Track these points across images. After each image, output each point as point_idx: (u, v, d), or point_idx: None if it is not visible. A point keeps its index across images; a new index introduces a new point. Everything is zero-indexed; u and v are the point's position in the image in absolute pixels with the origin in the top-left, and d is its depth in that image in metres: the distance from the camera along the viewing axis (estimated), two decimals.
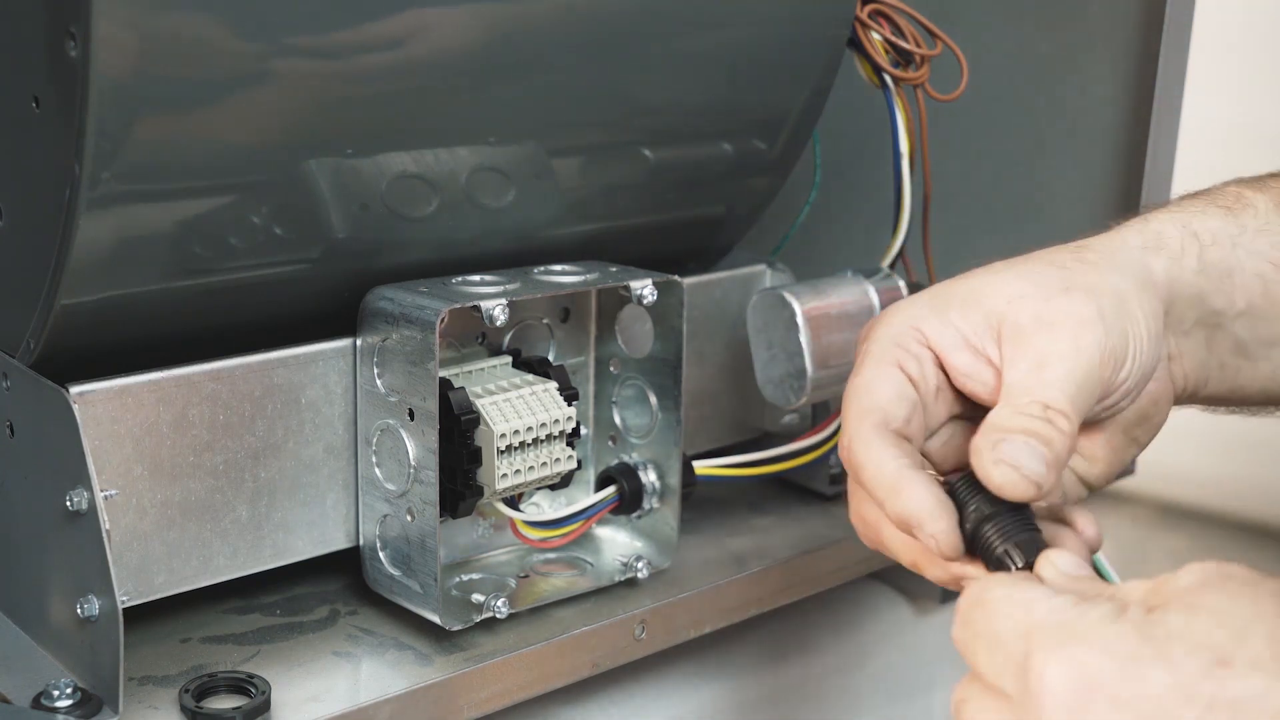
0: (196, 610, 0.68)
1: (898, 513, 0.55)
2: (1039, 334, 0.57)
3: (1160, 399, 0.62)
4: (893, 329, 0.59)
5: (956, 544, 0.54)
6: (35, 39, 0.56)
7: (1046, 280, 0.58)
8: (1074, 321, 0.57)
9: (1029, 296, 0.58)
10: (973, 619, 0.48)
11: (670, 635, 0.73)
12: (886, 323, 0.60)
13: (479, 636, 0.67)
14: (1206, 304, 0.62)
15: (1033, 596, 0.47)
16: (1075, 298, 0.57)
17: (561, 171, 0.73)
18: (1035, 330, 0.57)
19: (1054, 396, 0.55)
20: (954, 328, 0.58)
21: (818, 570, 0.80)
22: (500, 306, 0.65)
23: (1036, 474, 0.53)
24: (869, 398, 0.58)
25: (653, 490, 0.73)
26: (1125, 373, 0.58)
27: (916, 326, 0.59)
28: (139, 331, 0.64)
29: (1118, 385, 0.58)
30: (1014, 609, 0.47)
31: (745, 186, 0.83)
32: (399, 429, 0.65)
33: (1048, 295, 0.58)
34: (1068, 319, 0.57)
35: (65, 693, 0.59)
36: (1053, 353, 0.56)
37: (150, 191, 0.59)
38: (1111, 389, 0.58)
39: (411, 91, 0.64)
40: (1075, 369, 0.56)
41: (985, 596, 0.48)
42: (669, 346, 0.72)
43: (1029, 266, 0.60)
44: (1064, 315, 0.57)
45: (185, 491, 0.64)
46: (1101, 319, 0.57)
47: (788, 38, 0.77)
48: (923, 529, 0.54)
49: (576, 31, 0.68)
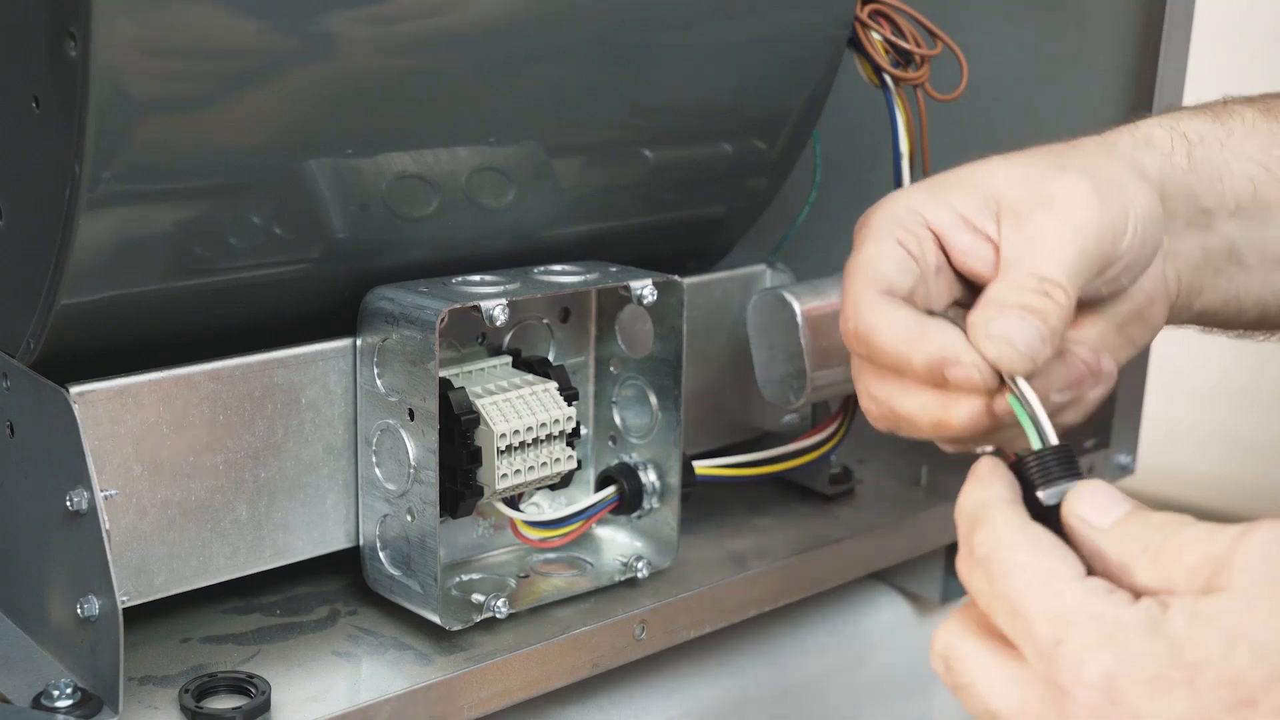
0: (196, 610, 0.68)
1: (926, 356, 0.55)
2: (1036, 210, 0.57)
3: (1156, 298, 0.62)
4: (892, 211, 0.59)
5: (994, 373, 0.54)
6: (35, 39, 0.56)
7: (1043, 163, 0.59)
8: (1070, 195, 0.57)
9: (1027, 177, 0.58)
10: (992, 577, 0.47)
11: (670, 635, 0.73)
12: (885, 207, 0.60)
13: (479, 636, 0.67)
14: (1197, 202, 0.62)
15: (1061, 573, 0.46)
16: (1071, 175, 0.58)
17: (561, 171, 0.73)
18: (1032, 207, 0.57)
19: (1050, 269, 0.55)
20: (953, 209, 0.59)
21: (818, 570, 0.80)
22: (500, 306, 0.65)
23: (1031, 348, 0.53)
24: (872, 269, 0.58)
25: (653, 490, 0.73)
26: (1125, 245, 0.58)
27: (916, 210, 0.59)
28: (139, 331, 0.64)
29: (1117, 258, 0.58)
30: (1042, 587, 0.46)
31: (745, 186, 0.83)
32: (399, 429, 0.65)
33: (1044, 175, 0.58)
34: (1064, 194, 0.57)
35: (65, 693, 0.59)
36: (1049, 227, 0.57)
37: (150, 191, 0.59)
38: (1111, 261, 0.58)
39: (411, 91, 0.64)
40: (1072, 241, 0.56)
41: (1007, 557, 0.47)
42: (669, 346, 0.72)
43: (1025, 155, 0.61)
44: (1060, 191, 0.57)
45: (185, 491, 0.64)
46: (1097, 193, 0.57)
47: (788, 38, 0.77)
48: (959, 363, 0.54)
49: (576, 31, 0.68)
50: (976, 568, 0.48)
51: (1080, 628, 0.44)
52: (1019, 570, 0.47)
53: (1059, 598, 0.45)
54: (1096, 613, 0.45)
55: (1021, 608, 0.46)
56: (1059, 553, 0.47)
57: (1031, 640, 0.45)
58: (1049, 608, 0.45)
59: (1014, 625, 0.46)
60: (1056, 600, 0.45)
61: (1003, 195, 0.58)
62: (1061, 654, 0.44)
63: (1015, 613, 0.46)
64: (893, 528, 0.84)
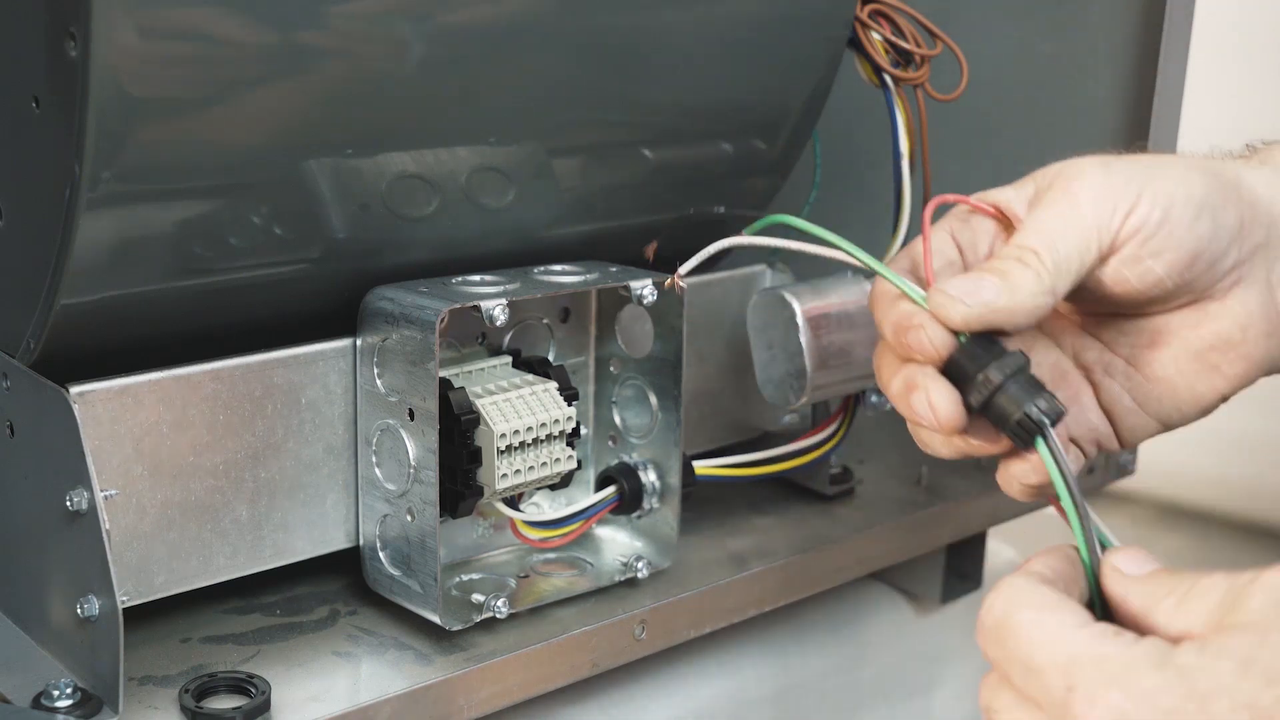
0: (196, 610, 0.68)
1: (893, 323, 0.55)
2: (1049, 191, 0.57)
3: (1250, 326, 0.58)
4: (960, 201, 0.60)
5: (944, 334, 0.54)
6: (35, 39, 0.56)
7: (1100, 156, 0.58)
8: (1075, 173, 0.57)
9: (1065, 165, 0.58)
10: (1003, 641, 0.47)
11: (670, 635, 0.73)
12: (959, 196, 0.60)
13: (479, 636, 0.67)
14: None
15: (1066, 622, 0.46)
16: (1089, 159, 0.57)
17: (561, 171, 0.73)
18: (1050, 188, 0.57)
19: (1030, 237, 0.55)
20: (1007, 199, 0.59)
21: (818, 570, 0.80)
22: (500, 306, 0.65)
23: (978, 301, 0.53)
24: (909, 251, 0.59)
25: (653, 490, 0.73)
26: (1136, 221, 0.56)
27: (988, 196, 0.59)
28: (139, 331, 0.64)
29: (1127, 234, 0.56)
30: (1048, 639, 0.46)
31: (745, 186, 0.83)
32: (399, 429, 0.65)
33: (1077, 161, 0.58)
34: (1070, 172, 0.57)
35: (65, 693, 0.59)
36: (1048, 201, 0.56)
37: (150, 191, 0.59)
38: (1114, 235, 0.56)
39: (412, 91, 0.64)
40: (1060, 211, 0.56)
41: (1013, 617, 0.47)
42: (669, 346, 0.72)
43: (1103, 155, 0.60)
44: (1070, 170, 0.57)
45: (185, 491, 0.64)
46: (1103, 168, 0.56)
47: (788, 38, 0.77)
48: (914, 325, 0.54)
49: (576, 31, 0.68)
50: (989, 634, 0.48)
51: (1089, 670, 0.44)
52: (1025, 628, 0.47)
53: (1066, 646, 0.46)
54: (1103, 655, 0.45)
55: (1033, 664, 0.46)
56: (1063, 605, 0.47)
57: (1047, 693, 0.45)
58: (1057, 657, 0.45)
59: (1030, 683, 0.46)
60: (1064, 648, 0.45)
61: (1043, 179, 0.58)
62: (1074, 700, 0.44)
63: (1029, 670, 0.46)
64: (893, 528, 0.84)
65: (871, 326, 0.78)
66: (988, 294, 0.54)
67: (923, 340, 0.54)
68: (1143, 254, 0.56)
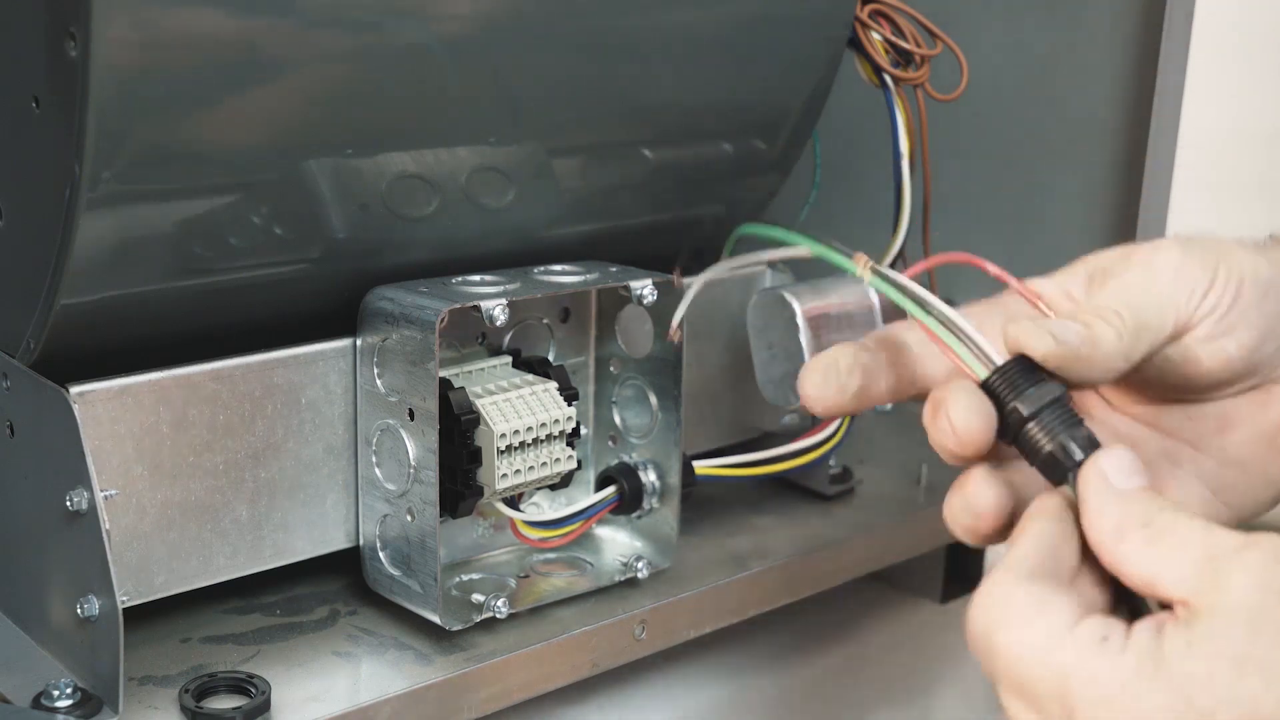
0: (196, 610, 0.68)
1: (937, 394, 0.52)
2: (1117, 265, 0.55)
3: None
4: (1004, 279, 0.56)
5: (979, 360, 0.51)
6: (35, 39, 0.56)
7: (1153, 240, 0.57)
8: (1151, 249, 0.55)
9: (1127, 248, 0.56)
10: (992, 661, 0.47)
11: (670, 635, 0.73)
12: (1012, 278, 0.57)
13: (479, 636, 0.67)
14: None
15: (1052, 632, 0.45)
16: (1164, 240, 0.55)
17: (561, 171, 0.73)
18: (1117, 265, 0.55)
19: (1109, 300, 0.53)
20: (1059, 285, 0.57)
21: (818, 570, 0.80)
22: (500, 306, 0.65)
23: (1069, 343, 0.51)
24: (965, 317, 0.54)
25: (653, 490, 0.73)
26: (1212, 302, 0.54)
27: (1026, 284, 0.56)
28: (139, 331, 0.64)
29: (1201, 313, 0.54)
30: (1036, 660, 0.45)
31: (745, 186, 0.83)
32: (399, 429, 0.65)
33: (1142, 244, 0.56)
34: (1146, 249, 0.55)
35: (65, 693, 0.59)
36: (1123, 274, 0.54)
37: (150, 191, 0.59)
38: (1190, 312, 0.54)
39: (411, 91, 0.64)
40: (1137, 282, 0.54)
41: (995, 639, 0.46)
42: (669, 346, 0.72)
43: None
44: (1145, 247, 0.55)
45: (185, 491, 0.64)
46: (1181, 247, 0.55)
47: (788, 38, 0.77)
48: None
49: (576, 31, 0.68)
50: (978, 650, 0.47)
51: (1085, 691, 0.44)
52: (1010, 649, 0.46)
53: (1055, 667, 0.45)
54: (1095, 677, 0.44)
55: (1027, 689, 0.46)
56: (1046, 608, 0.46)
57: (1047, 715, 0.45)
58: (1049, 681, 0.45)
59: (1027, 700, 0.46)
60: (1053, 670, 0.45)
61: (1099, 263, 0.56)
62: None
63: (1023, 692, 0.46)
64: (893, 528, 0.84)
65: (871, 326, 0.79)
66: (1073, 337, 0.51)
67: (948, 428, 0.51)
68: (1216, 333, 0.55)
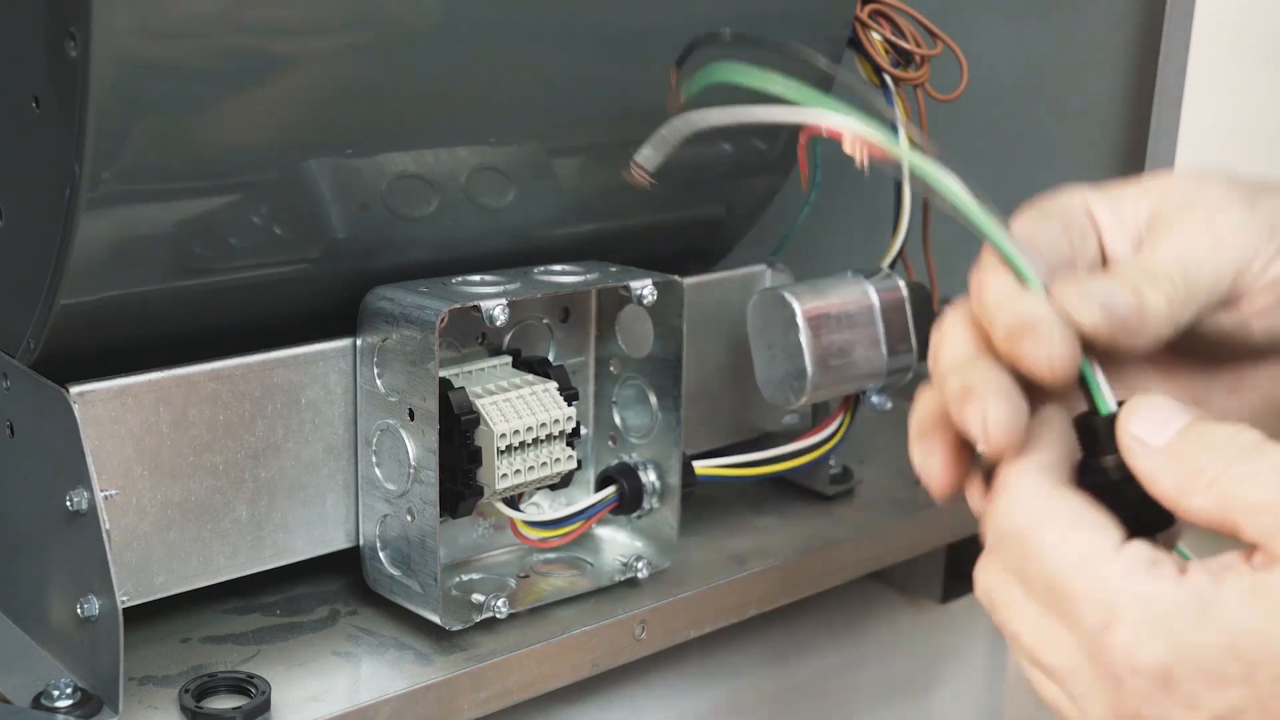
0: (196, 610, 0.68)
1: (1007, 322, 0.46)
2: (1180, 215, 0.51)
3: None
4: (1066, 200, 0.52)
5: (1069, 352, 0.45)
6: (35, 39, 0.56)
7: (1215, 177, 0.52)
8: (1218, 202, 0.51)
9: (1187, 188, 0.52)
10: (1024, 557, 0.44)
11: (670, 635, 0.73)
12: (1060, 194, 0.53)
13: (479, 636, 0.67)
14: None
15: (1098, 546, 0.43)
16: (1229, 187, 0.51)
17: (561, 171, 0.73)
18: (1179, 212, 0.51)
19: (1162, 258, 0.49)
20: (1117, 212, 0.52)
21: (818, 570, 0.80)
22: (500, 306, 0.65)
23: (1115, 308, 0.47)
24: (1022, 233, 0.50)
25: (653, 490, 0.73)
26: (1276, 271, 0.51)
27: (1087, 203, 0.53)
28: (139, 331, 0.64)
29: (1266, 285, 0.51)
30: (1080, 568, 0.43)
31: (745, 186, 0.83)
32: (399, 429, 0.65)
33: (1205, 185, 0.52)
34: (1211, 202, 0.51)
35: (65, 693, 0.59)
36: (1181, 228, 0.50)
37: (150, 191, 0.59)
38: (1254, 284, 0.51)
39: (412, 91, 0.64)
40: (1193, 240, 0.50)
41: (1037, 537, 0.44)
42: (669, 346, 0.72)
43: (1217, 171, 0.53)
44: (1209, 199, 0.51)
45: (185, 491, 0.64)
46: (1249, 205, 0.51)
47: (788, 38, 0.77)
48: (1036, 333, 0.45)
49: (576, 31, 0.68)
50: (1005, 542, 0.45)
51: (1127, 613, 0.42)
52: (1053, 551, 0.44)
53: (1101, 581, 0.43)
54: (1142, 596, 0.42)
55: (1063, 592, 0.43)
56: (1091, 523, 0.44)
57: (1078, 622, 0.43)
58: (1092, 591, 0.43)
59: (1056, 603, 0.44)
60: (1099, 583, 0.43)
61: (1162, 202, 0.52)
62: (1111, 642, 0.42)
63: (1056, 594, 0.44)
64: (893, 528, 0.84)
65: (871, 326, 0.79)
66: (1123, 308, 0.47)
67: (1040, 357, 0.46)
68: (1271, 306, 0.52)
